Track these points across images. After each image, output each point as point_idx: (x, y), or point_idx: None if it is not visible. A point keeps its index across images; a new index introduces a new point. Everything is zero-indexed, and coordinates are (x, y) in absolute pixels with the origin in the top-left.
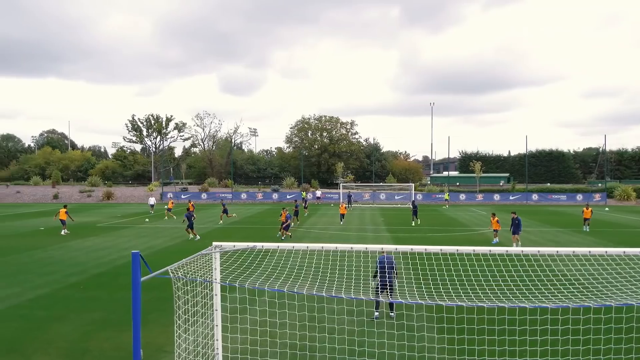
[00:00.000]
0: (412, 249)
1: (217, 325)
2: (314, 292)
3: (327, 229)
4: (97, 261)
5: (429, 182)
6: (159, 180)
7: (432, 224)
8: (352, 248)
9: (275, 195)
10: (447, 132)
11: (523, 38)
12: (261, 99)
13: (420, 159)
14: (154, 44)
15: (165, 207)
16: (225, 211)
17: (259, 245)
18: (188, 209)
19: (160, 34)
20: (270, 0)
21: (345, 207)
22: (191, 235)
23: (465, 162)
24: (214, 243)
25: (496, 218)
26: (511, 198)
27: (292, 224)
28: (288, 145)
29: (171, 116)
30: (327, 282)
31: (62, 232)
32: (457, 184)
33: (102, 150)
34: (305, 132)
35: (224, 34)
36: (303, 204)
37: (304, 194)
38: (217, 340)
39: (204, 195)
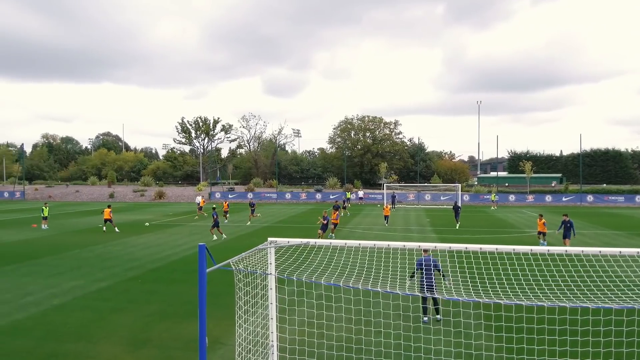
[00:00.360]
0: (450, 247)
1: (272, 319)
2: (369, 287)
3: (371, 229)
4: (152, 257)
5: (476, 183)
6: (207, 180)
7: (480, 225)
8: (404, 246)
9: (318, 196)
10: (494, 131)
11: (576, 32)
12: (304, 101)
13: (466, 159)
14: (201, 48)
15: (197, 204)
16: (252, 211)
17: (312, 241)
18: (214, 208)
19: (207, 39)
20: (313, 3)
21: (390, 209)
22: (214, 237)
23: (515, 162)
24: (269, 239)
25: (543, 220)
26: (564, 199)
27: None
28: (331, 145)
29: (218, 118)
30: (379, 279)
31: (115, 230)
32: (506, 184)
33: (154, 151)
34: (348, 133)
35: (267, 37)
36: (343, 204)
37: (348, 194)
38: (272, 332)
39: (250, 195)
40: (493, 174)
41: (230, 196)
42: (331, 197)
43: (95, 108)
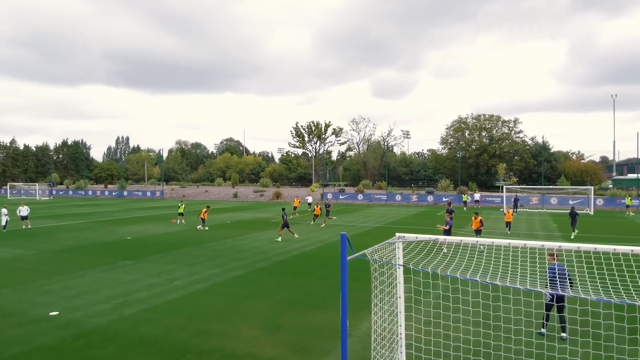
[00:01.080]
0: (578, 247)
1: (400, 312)
2: (498, 282)
3: (490, 233)
4: (276, 251)
5: (610, 186)
6: (318, 182)
7: (616, 232)
8: (542, 245)
9: (430, 198)
10: (632, 128)
11: None
12: (413, 102)
13: (597, 159)
14: (313, 56)
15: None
16: (328, 212)
17: (440, 238)
18: (283, 209)
19: (319, 46)
20: (424, 2)
21: (512, 213)
22: (279, 238)
23: None
24: (397, 234)
25: None
26: None
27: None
28: (443, 146)
29: (329, 122)
30: (507, 279)
31: (199, 227)
32: None
33: (270, 155)
34: (461, 132)
35: (377, 40)
36: (463, 207)
37: (464, 196)
38: (400, 325)
39: (360, 197)
40: (631, 175)
41: (340, 197)
42: (444, 199)
43: (219, 116)
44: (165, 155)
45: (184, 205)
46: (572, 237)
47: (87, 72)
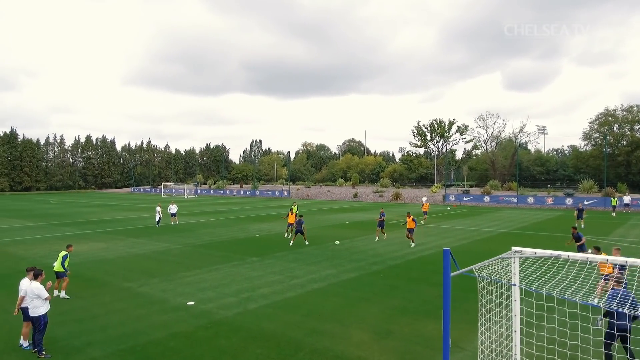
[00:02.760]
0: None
1: (515, 331)
2: (626, 310)
3: (639, 243)
4: (392, 254)
5: None
6: (441, 182)
7: None
8: None
9: (568, 200)
10: None
11: None
12: (552, 93)
13: None
14: (438, 51)
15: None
16: (381, 224)
17: (563, 254)
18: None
19: (444, 41)
20: None
21: None
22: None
23: None
24: (513, 248)
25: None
26: None
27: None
28: (586, 142)
29: (454, 120)
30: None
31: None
32: None
33: (391, 155)
34: (609, 127)
35: (509, 29)
36: (612, 212)
37: (613, 200)
38: (515, 345)
39: (486, 199)
40: None
41: (465, 199)
42: (586, 202)
43: (343, 117)
44: (292, 156)
45: (297, 206)
46: None
47: (226, 82)
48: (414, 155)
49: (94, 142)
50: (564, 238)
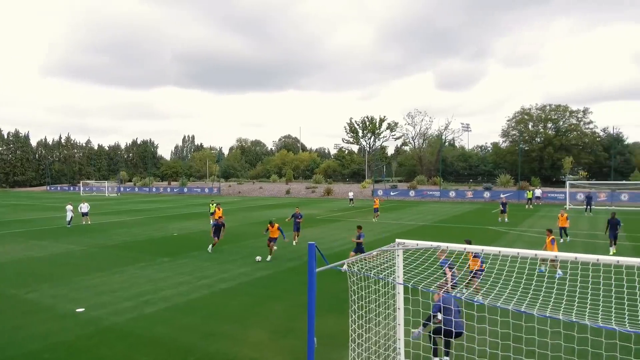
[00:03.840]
0: (556, 256)
1: (399, 325)
2: (502, 305)
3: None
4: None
5: None
6: (371, 177)
7: None
8: (557, 256)
9: (486, 194)
10: None
11: None
12: (479, 93)
13: None
14: (375, 50)
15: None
16: (297, 227)
17: (443, 245)
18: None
19: (382, 40)
20: None
21: (567, 217)
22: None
23: None
24: (397, 240)
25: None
26: None
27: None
28: (504, 139)
29: (384, 117)
30: (527, 298)
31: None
32: None
33: (327, 151)
34: (524, 124)
35: (442, 30)
36: (528, 205)
37: (529, 193)
38: (399, 339)
39: (412, 193)
40: None
41: (392, 193)
42: (502, 195)
43: (282, 113)
44: (226, 153)
45: (215, 204)
46: (612, 252)
47: (159, 74)
48: (346, 151)
49: (6, 136)
50: (477, 230)
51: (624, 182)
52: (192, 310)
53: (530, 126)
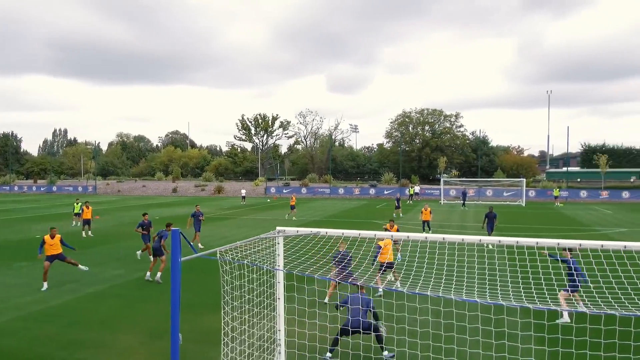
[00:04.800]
0: (407, 237)
1: (279, 315)
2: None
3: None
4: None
5: (544, 178)
6: (264, 176)
7: (544, 222)
8: (408, 236)
9: (372, 191)
10: (571, 124)
11: None
12: (368, 96)
13: (537, 154)
14: (271, 49)
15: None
16: (198, 226)
17: (322, 231)
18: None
19: (277, 39)
20: None
21: (430, 211)
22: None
23: (588, 155)
24: (278, 228)
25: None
26: None
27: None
28: (388, 140)
29: (277, 115)
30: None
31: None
32: (578, 179)
33: (218, 148)
34: (405, 127)
35: (334, 35)
36: (409, 200)
37: (411, 189)
38: (279, 330)
39: (304, 190)
40: (565, 169)
41: (284, 191)
42: (386, 192)
43: (171, 108)
44: (105, 148)
45: (80, 204)
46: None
47: (26, 61)
48: (239, 149)
49: None
50: (365, 224)
51: (489, 179)
52: (51, 318)
53: (410, 128)
